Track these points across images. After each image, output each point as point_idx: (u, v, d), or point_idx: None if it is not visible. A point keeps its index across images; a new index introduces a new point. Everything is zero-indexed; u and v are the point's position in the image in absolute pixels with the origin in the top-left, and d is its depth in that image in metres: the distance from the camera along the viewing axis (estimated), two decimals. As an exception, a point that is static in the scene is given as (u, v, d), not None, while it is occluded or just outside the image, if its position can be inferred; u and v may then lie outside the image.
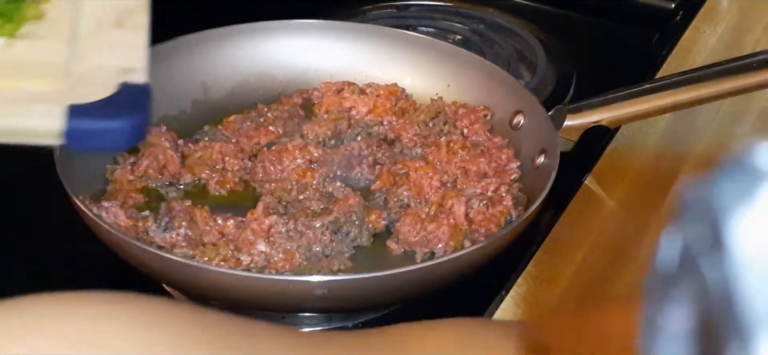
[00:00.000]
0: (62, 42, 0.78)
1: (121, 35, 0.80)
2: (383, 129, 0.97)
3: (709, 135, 1.03)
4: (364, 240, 0.85)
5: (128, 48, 0.79)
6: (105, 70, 0.76)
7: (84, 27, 0.81)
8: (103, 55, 0.78)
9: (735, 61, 0.94)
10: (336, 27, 1.06)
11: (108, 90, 0.73)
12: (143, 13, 0.83)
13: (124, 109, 0.73)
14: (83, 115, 0.71)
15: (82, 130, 0.71)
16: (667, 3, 1.25)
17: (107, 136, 0.72)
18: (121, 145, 0.81)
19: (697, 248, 0.29)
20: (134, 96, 0.75)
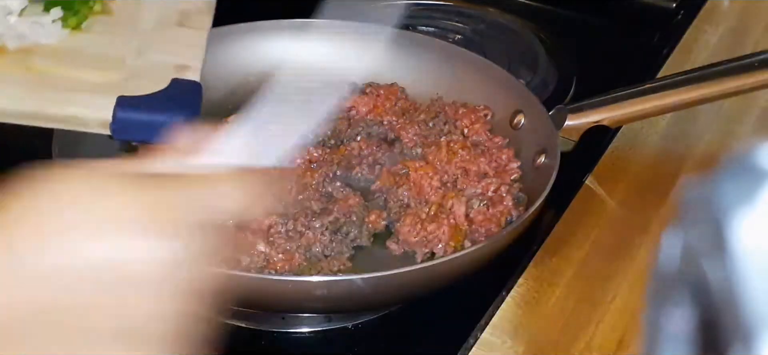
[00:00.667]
0: (124, 37, 0.81)
1: (181, 34, 0.83)
2: (383, 129, 0.97)
3: (710, 135, 1.03)
4: (364, 240, 0.85)
5: (186, 46, 0.82)
6: (160, 66, 0.79)
7: (146, 24, 0.84)
8: (160, 52, 0.81)
9: (736, 61, 0.93)
10: (336, 27, 1.05)
11: (160, 85, 0.76)
12: (207, 14, 0.86)
13: (172, 105, 0.76)
14: (131, 107, 0.74)
15: (130, 122, 0.74)
16: (668, 3, 1.25)
17: (154, 128, 0.74)
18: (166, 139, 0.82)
19: (698, 248, 0.29)
20: (184, 92, 0.78)
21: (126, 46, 0.80)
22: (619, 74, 1.08)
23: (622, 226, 0.91)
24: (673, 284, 0.30)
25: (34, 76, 0.76)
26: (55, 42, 0.79)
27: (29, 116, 0.75)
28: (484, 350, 0.78)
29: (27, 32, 0.79)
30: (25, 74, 0.76)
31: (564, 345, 0.79)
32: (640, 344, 0.32)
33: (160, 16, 0.84)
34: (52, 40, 0.79)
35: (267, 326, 0.82)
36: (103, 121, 0.74)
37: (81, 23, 0.81)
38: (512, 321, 0.80)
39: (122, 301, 0.44)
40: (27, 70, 0.76)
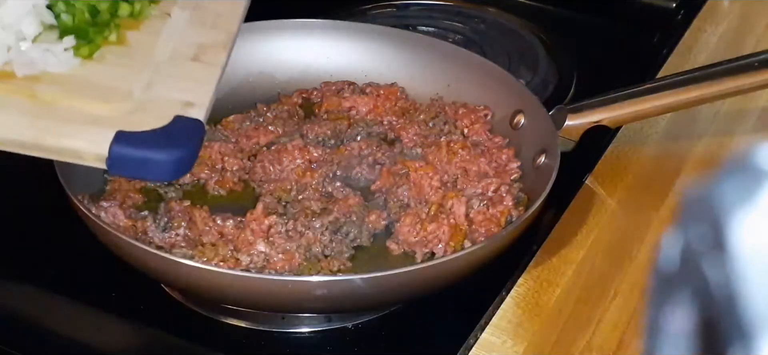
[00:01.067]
0: (133, 69, 0.80)
1: (194, 68, 0.82)
2: (383, 129, 0.97)
3: (709, 135, 1.03)
4: (364, 240, 0.85)
5: (196, 82, 0.80)
6: (166, 101, 0.78)
7: (161, 56, 0.82)
8: (169, 87, 0.79)
9: (736, 61, 0.94)
10: (336, 27, 1.06)
11: (163, 121, 0.74)
12: (223, 50, 0.84)
13: (170, 142, 0.73)
14: (129, 143, 0.72)
15: (125, 158, 0.72)
16: (668, 3, 1.25)
17: (149, 166, 0.73)
18: (162, 177, 0.82)
19: (698, 248, 0.29)
20: (185, 130, 0.76)
21: (136, 79, 0.78)
22: (619, 74, 1.08)
23: (622, 226, 0.91)
24: (673, 284, 0.30)
25: (37, 104, 0.75)
26: (66, 71, 0.78)
27: (27, 146, 0.73)
28: (484, 350, 0.78)
29: (37, 59, 0.77)
30: (28, 102, 0.75)
31: (564, 345, 0.79)
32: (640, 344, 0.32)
33: (175, 49, 0.83)
34: (63, 68, 0.78)
35: (267, 326, 0.82)
36: (99, 155, 0.72)
37: (93, 53, 0.80)
38: (512, 321, 0.80)
39: None
40: (31, 97, 0.75)
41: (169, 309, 0.83)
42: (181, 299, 0.84)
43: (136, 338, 0.84)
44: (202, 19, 0.87)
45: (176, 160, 0.73)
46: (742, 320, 0.27)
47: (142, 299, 0.83)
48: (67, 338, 0.81)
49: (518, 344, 0.78)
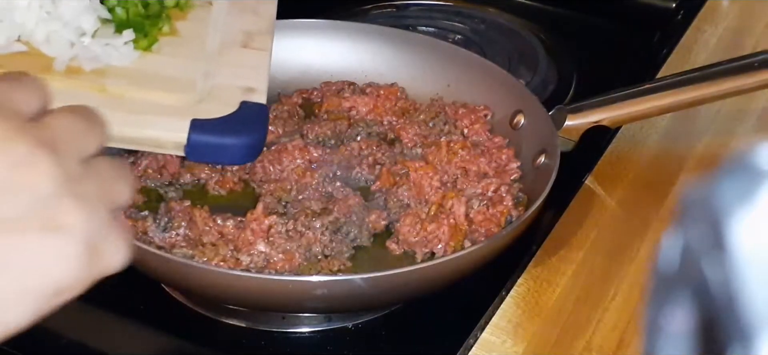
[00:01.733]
0: (191, 59, 0.83)
1: (246, 55, 0.86)
2: (383, 129, 0.97)
3: (709, 135, 1.03)
4: (364, 240, 0.85)
5: (251, 68, 0.84)
6: (229, 88, 0.81)
7: (212, 45, 0.85)
8: (228, 74, 0.83)
9: (735, 61, 0.94)
10: (336, 27, 1.06)
11: (230, 108, 0.78)
12: (268, 35, 0.88)
13: (243, 128, 0.78)
14: (205, 130, 0.76)
15: (203, 144, 0.76)
16: (667, 3, 1.25)
17: (225, 151, 0.77)
18: (237, 161, 0.85)
19: (698, 249, 0.29)
20: (253, 115, 0.80)
21: (195, 68, 0.82)
22: (619, 74, 1.08)
23: (622, 226, 0.91)
24: (673, 284, 0.30)
25: (108, 97, 0.78)
26: (128, 64, 0.80)
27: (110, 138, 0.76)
28: (484, 350, 0.78)
29: (100, 54, 0.80)
30: (100, 96, 0.78)
31: (564, 345, 0.79)
32: (640, 344, 0.32)
33: (224, 38, 0.87)
34: (125, 61, 0.81)
35: (267, 326, 0.82)
36: (178, 143, 0.76)
37: (152, 45, 0.82)
38: (512, 321, 0.81)
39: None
40: (101, 91, 0.78)
41: (170, 309, 0.83)
42: (182, 299, 0.84)
43: (136, 338, 0.84)
44: (241, 6, 0.90)
45: (250, 144, 0.78)
46: (742, 320, 0.27)
47: (143, 299, 0.83)
48: (67, 338, 0.81)
49: (518, 344, 0.78)
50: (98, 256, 0.47)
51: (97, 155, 0.50)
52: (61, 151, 0.47)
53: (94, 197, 0.47)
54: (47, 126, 0.48)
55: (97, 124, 0.51)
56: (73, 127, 0.49)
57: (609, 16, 1.26)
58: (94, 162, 0.49)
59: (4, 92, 0.48)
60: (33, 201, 0.45)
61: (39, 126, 0.48)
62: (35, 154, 0.45)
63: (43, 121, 0.48)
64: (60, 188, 0.46)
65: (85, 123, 0.50)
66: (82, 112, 0.51)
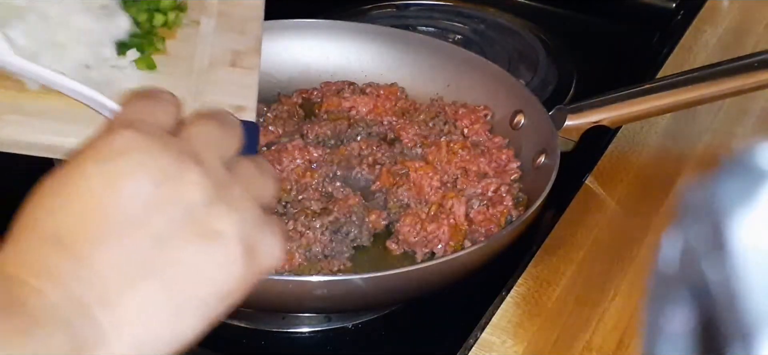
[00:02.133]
0: (181, 77, 0.83)
1: (235, 74, 0.85)
2: (383, 129, 0.97)
3: (709, 135, 1.03)
4: (364, 240, 0.85)
5: (240, 87, 0.84)
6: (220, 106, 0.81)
7: (200, 64, 0.85)
8: (217, 93, 0.83)
9: (735, 61, 0.93)
10: (336, 27, 1.06)
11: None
12: (255, 54, 0.88)
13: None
14: None
15: None
16: (667, 3, 1.25)
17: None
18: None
19: (698, 248, 0.29)
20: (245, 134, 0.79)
21: (186, 86, 0.83)
22: (619, 74, 1.08)
23: (622, 226, 0.91)
24: (673, 284, 0.30)
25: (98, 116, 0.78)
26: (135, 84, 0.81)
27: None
28: (484, 350, 0.78)
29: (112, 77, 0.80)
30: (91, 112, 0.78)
31: (564, 345, 0.79)
32: (640, 344, 0.32)
33: (213, 56, 0.87)
34: (132, 83, 0.81)
35: (267, 326, 0.82)
36: None
37: (152, 65, 0.83)
38: (512, 321, 0.80)
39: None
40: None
41: (169, 309, 0.83)
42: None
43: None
44: (228, 25, 0.90)
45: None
46: (742, 320, 0.27)
47: (142, 299, 0.83)
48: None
49: (518, 344, 0.78)
50: (256, 255, 0.48)
51: (237, 157, 0.50)
52: (204, 160, 0.47)
53: (242, 199, 0.48)
54: (188, 138, 0.49)
55: (232, 126, 0.52)
56: (211, 134, 0.50)
57: (609, 16, 1.26)
58: (237, 163, 0.50)
59: (146, 109, 0.49)
60: (185, 213, 0.46)
61: (180, 139, 0.48)
62: (181, 167, 0.46)
63: (183, 134, 0.49)
64: (209, 196, 0.46)
65: (221, 127, 0.50)
66: (217, 116, 0.52)
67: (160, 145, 0.47)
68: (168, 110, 0.50)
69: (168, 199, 0.46)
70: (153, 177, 0.46)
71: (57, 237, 0.46)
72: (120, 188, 0.45)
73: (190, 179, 0.46)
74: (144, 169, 0.46)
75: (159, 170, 0.46)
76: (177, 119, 0.50)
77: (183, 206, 0.46)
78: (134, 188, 0.45)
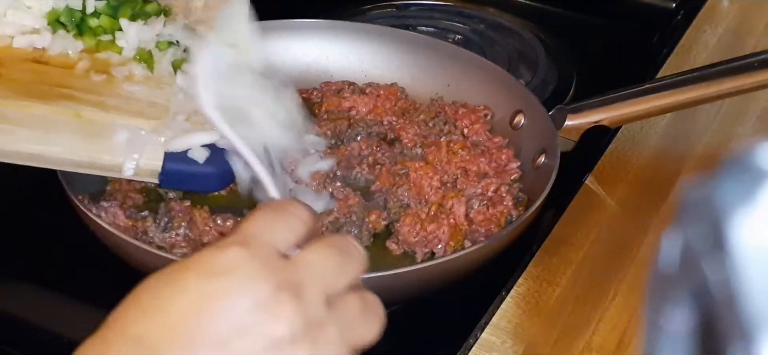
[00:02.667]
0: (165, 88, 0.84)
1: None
2: (383, 129, 0.97)
3: (709, 135, 1.03)
4: (364, 240, 0.85)
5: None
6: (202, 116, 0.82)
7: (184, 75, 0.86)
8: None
9: (735, 61, 0.93)
10: (336, 27, 1.06)
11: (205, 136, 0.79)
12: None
13: (217, 156, 0.79)
14: (178, 159, 0.79)
15: (177, 173, 0.79)
16: (667, 3, 1.25)
17: (198, 180, 0.80)
18: (210, 189, 0.86)
19: (698, 248, 0.29)
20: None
21: (166, 95, 0.83)
22: (619, 74, 1.08)
23: (622, 226, 0.91)
24: (673, 284, 0.30)
25: (84, 124, 0.78)
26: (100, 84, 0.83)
27: (84, 165, 0.77)
28: (484, 350, 0.78)
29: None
30: (75, 122, 0.78)
31: (564, 345, 0.79)
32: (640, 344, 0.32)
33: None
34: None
35: (267, 326, 0.82)
36: (153, 170, 0.78)
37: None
38: (512, 321, 0.80)
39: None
40: (76, 117, 0.78)
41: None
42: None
43: (136, 338, 0.84)
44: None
45: (222, 173, 0.79)
46: (742, 320, 0.27)
47: (142, 299, 0.83)
48: (67, 338, 0.81)
49: (518, 344, 0.78)
50: None
51: (346, 293, 0.50)
52: (306, 294, 0.47)
53: (334, 342, 0.48)
54: (298, 265, 0.48)
55: (353, 258, 0.52)
56: (325, 264, 0.49)
57: (609, 16, 1.26)
58: (343, 300, 0.50)
59: (266, 225, 0.49)
60: (269, 345, 0.46)
61: (289, 265, 0.48)
62: (278, 298, 0.46)
63: (295, 259, 0.49)
64: (297, 334, 0.46)
65: (339, 259, 0.50)
66: (340, 245, 0.51)
67: (265, 271, 0.47)
68: (292, 227, 0.50)
69: (255, 328, 0.46)
70: (247, 303, 0.46)
71: (140, 341, 0.46)
72: (212, 308, 0.46)
73: (283, 313, 0.46)
74: (240, 294, 0.46)
75: (254, 298, 0.46)
76: (301, 237, 0.50)
77: (268, 339, 0.46)
78: (225, 309, 0.46)
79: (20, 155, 0.76)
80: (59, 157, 0.77)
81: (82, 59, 0.84)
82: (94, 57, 0.85)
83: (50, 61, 0.84)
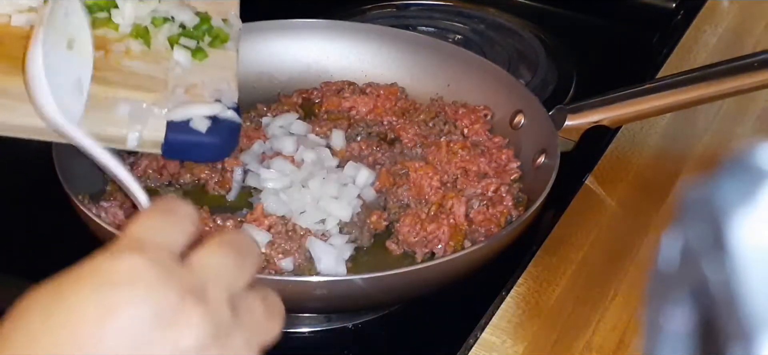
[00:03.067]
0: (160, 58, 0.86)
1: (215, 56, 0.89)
2: (383, 129, 0.97)
3: (709, 135, 1.03)
4: (364, 240, 0.85)
5: (219, 68, 0.87)
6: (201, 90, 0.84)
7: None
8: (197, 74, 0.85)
9: (735, 61, 0.93)
10: (336, 27, 1.06)
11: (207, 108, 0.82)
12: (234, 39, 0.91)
13: (217, 127, 0.82)
14: (181, 130, 0.80)
15: (179, 144, 0.80)
16: (667, 3, 1.25)
17: (201, 149, 0.82)
18: (212, 158, 0.87)
19: (698, 248, 0.29)
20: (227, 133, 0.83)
21: (165, 69, 0.84)
22: (619, 74, 1.08)
23: (622, 226, 0.91)
24: (673, 284, 0.30)
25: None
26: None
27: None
28: (484, 350, 0.78)
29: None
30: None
31: (564, 345, 0.79)
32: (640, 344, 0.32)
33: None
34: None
35: (267, 326, 0.82)
36: (156, 141, 0.79)
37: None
38: (512, 321, 0.80)
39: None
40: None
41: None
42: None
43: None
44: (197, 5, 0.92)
45: (224, 141, 0.82)
46: (742, 320, 0.27)
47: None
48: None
49: (518, 344, 0.78)
50: None
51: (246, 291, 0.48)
52: (209, 298, 0.45)
53: (240, 346, 0.46)
54: (197, 268, 0.46)
55: (249, 255, 0.49)
56: (224, 264, 0.47)
57: (609, 16, 1.26)
58: (244, 300, 0.47)
59: (157, 227, 0.47)
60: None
61: (188, 269, 0.45)
62: (182, 306, 0.43)
63: (193, 262, 0.46)
64: (205, 341, 0.44)
65: (237, 257, 0.47)
66: (235, 243, 0.48)
67: (164, 278, 0.43)
68: (184, 228, 0.47)
69: (160, 341, 0.43)
70: (149, 314, 0.43)
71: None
72: (113, 320, 0.42)
73: (188, 322, 0.43)
74: (142, 305, 0.43)
75: (157, 308, 0.43)
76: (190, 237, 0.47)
77: (174, 350, 0.43)
78: (126, 323, 0.42)
79: (24, 129, 0.77)
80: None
81: None
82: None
83: None
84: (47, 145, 0.81)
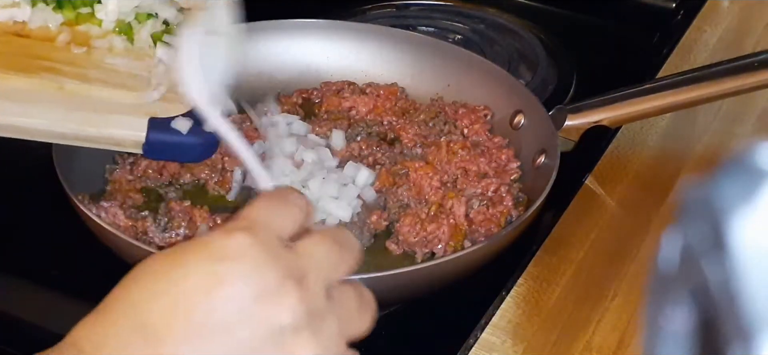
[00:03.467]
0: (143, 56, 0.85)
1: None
2: (383, 129, 0.97)
3: (709, 135, 1.03)
4: (364, 241, 0.85)
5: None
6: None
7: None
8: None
9: (736, 61, 0.93)
10: (336, 27, 1.06)
11: (185, 107, 0.79)
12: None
13: (199, 125, 0.78)
14: (162, 129, 0.79)
15: (160, 143, 0.79)
16: (667, 3, 1.25)
17: (182, 149, 0.80)
18: (194, 159, 0.86)
19: (698, 248, 0.29)
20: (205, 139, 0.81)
21: (148, 66, 0.83)
22: (619, 74, 1.08)
23: (622, 226, 0.91)
24: (673, 284, 0.30)
25: (67, 96, 0.78)
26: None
27: (69, 137, 0.78)
28: (484, 350, 0.78)
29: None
30: (58, 94, 0.78)
31: (564, 345, 0.79)
32: (640, 344, 0.32)
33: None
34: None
35: (267, 326, 0.82)
36: (137, 141, 0.78)
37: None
38: (512, 321, 0.80)
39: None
40: (59, 89, 0.79)
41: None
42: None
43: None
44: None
45: (206, 141, 0.80)
46: (742, 320, 0.27)
47: (142, 299, 0.83)
48: (67, 338, 0.81)
49: (518, 344, 0.78)
50: None
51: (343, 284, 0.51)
52: (309, 283, 0.48)
53: (332, 333, 0.49)
54: (301, 254, 0.49)
55: (350, 250, 0.52)
56: (326, 255, 0.50)
57: (609, 16, 1.26)
58: (340, 291, 0.50)
59: (270, 212, 0.50)
60: (272, 333, 0.46)
61: (293, 254, 0.48)
62: (283, 286, 0.47)
63: (298, 249, 0.49)
64: (300, 323, 0.47)
65: (339, 250, 0.51)
66: (338, 237, 0.52)
67: (270, 258, 0.47)
68: (294, 216, 0.51)
69: (259, 315, 0.46)
70: (252, 290, 0.46)
71: (144, 326, 0.46)
72: (217, 294, 0.46)
73: (287, 302, 0.47)
74: (245, 280, 0.46)
75: (260, 285, 0.46)
76: (299, 226, 0.51)
77: (271, 326, 0.46)
78: (231, 295, 0.46)
79: (5, 127, 0.77)
80: (44, 129, 0.77)
81: (62, 32, 0.84)
82: (74, 29, 0.85)
83: (31, 35, 0.84)
84: (47, 146, 0.81)
